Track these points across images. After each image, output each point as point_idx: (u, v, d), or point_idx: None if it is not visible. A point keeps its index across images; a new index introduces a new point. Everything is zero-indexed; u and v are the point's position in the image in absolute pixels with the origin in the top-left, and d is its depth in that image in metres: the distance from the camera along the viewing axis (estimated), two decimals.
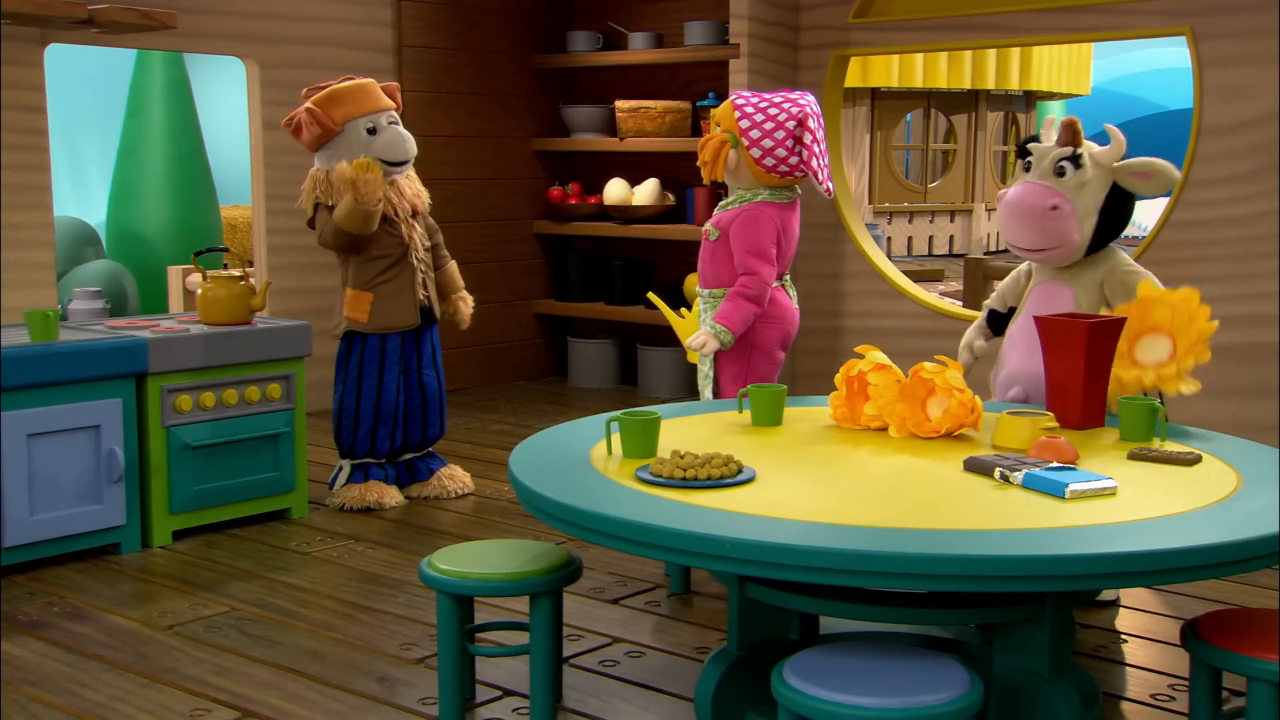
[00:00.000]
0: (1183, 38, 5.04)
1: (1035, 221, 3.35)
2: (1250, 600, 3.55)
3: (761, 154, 3.81)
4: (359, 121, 4.20)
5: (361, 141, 4.19)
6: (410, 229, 4.30)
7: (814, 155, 3.82)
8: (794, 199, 3.96)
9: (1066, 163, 3.37)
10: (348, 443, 4.36)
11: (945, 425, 2.88)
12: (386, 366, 4.33)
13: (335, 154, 4.21)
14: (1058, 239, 3.35)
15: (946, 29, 5.64)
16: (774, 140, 3.80)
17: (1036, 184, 3.38)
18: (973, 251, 13.99)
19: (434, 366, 4.47)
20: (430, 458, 4.55)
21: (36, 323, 3.81)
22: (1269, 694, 2.27)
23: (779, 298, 3.93)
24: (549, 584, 2.65)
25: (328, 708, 2.82)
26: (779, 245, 3.89)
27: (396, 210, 4.26)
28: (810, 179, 3.86)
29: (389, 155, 4.22)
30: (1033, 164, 3.44)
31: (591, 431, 2.92)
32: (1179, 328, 3.17)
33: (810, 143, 3.81)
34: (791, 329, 3.98)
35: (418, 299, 4.34)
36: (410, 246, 4.30)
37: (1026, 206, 3.36)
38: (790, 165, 3.83)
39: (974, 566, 2.06)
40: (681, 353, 6.43)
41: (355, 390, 4.31)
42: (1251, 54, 4.86)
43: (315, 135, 4.19)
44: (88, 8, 4.71)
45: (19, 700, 2.85)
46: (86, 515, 3.79)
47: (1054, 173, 3.38)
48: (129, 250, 7.16)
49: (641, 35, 6.45)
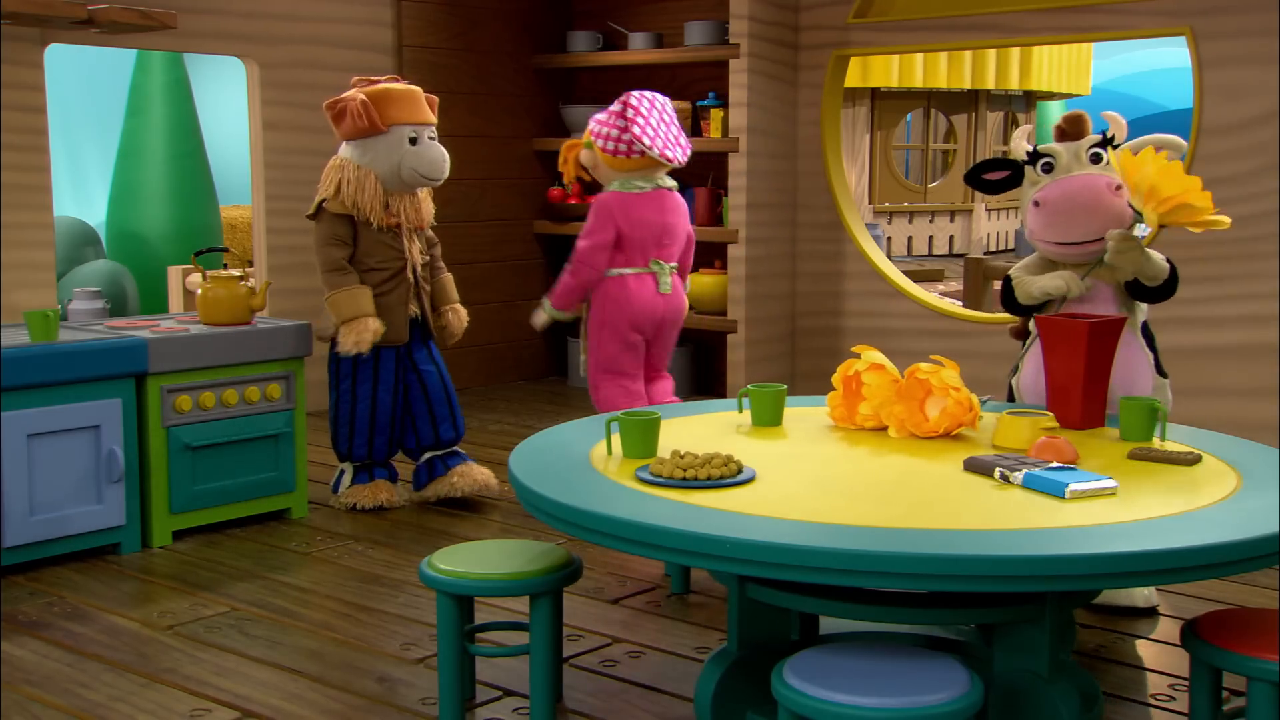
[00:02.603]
0: (1183, 38, 5.04)
1: (1104, 205, 3.25)
2: (1250, 600, 3.55)
3: (600, 140, 4.31)
4: (405, 129, 4.17)
5: (400, 148, 4.16)
6: (411, 243, 4.28)
7: (639, 126, 4.25)
8: (648, 189, 4.35)
9: (1100, 149, 3.34)
10: (345, 448, 4.35)
11: (944, 425, 2.88)
12: (381, 379, 4.29)
13: (368, 152, 4.17)
14: (1121, 220, 3.28)
15: (946, 29, 5.64)
16: (606, 125, 4.31)
17: (1087, 172, 3.31)
18: (973, 251, 14.00)
19: (434, 363, 4.43)
20: (452, 456, 4.47)
21: (36, 323, 3.81)
22: (1269, 694, 2.27)
23: (629, 282, 4.32)
24: (549, 584, 2.64)
25: (328, 708, 2.82)
26: (622, 232, 4.29)
27: (403, 224, 4.24)
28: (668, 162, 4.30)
29: (426, 171, 4.19)
30: (1056, 163, 3.37)
31: (591, 431, 2.92)
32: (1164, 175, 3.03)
33: (634, 116, 4.25)
34: (646, 314, 4.35)
35: (409, 313, 4.31)
36: (409, 261, 4.27)
37: (1094, 191, 3.26)
38: (625, 142, 4.28)
39: (974, 566, 2.06)
40: (683, 353, 6.44)
41: (350, 400, 4.29)
42: (1251, 54, 4.86)
43: (359, 128, 4.15)
44: (88, 8, 4.71)
45: (19, 700, 2.85)
46: (86, 515, 3.79)
47: (1091, 161, 3.33)
48: (129, 250, 7.16)
49: (641, 35, 6.45)
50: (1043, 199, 3.32)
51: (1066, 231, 3.30)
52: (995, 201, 14.47)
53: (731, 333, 6.02)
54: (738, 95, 5.89)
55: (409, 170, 4.17)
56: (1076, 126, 3.39)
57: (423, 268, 4.36)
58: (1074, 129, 3.39)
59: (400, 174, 4.18)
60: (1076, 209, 3.27)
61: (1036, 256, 3.50)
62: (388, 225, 4.22)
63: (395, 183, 4.21)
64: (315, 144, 5.84)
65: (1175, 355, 4.99)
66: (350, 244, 4.21)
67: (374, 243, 4.22)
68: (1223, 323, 5.02)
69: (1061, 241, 3.32)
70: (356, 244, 4.22)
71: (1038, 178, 3.40)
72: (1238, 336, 4.97)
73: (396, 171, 4.18)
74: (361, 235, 4.22)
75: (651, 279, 4.36)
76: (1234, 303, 4.97)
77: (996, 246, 14.61)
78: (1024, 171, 3.46)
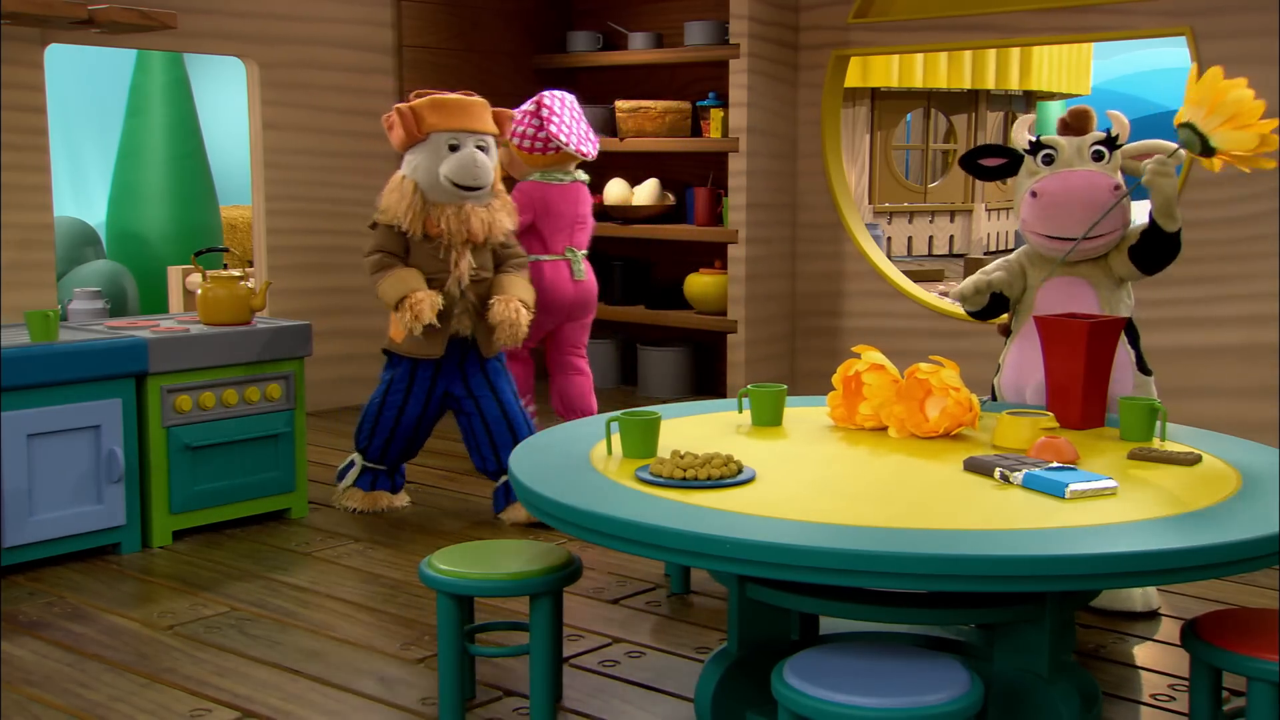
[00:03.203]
0: (1183, 38, 5.04)
1: (1100, 205, 3.22)
2: (1250, 600, 3.55)
3: (517, 140, 4.68)
4: (444, 135, 4.04)
5: (439, 155, 4.04)
6: (459, 256, 4.07)
7: (555, 125, 4.62)
8: (563, 181, 4.75)
9: (1103, 146, 3.32)
10: (363, 443, 4.32)
11: (943, 425, 2.88)
12: (413, 392, 4.19)
13: (412, 160, 4.08)
14: (1116, 221, 3.26)
15: (946, 29, 5.64)
16: (521, 124, 4.67)
17: (1088, 169, 3.29)
18: (973, 251, 14.00)
19: (490, 389, 4.21)
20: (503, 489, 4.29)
21: (36, 323, 3.81)
22: (1269, 694, 2.27)
23: (544, 269, 4.70)
24: (549, 584, 2.65)
25: (328, 708, 2.82)
26: (539, 219, 4.71)
27: (448, 235, 4.05)
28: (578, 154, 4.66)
29: (455, 176, 4.02)
30: (1057, 156, 3.34)
31: (591, 431, 2.92)
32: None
33: (549, 115, 4.63)
34: (559, 299, 4.73)
35: (450, 330, 4.11)
36: (451, 274, 4.07)
37: (1093, 190, 3.23)
38: (541, 139, 4.66)
39: (974, 566, 2.06)
40: (683, 353, 6.44)
41: (380, 402, 4.24)
42: (1251, 54, 4.86)
43: (399, 137, 4.08)
44: (88, 8, 4.71)
45: (19, 700, 2.85)
46: (86, 515, 3.79)
47: (1093, 158, 3.31)
48: (129, 250, 7.16)
49: (641, 35, 6.45)
50: (1041, 190, 3.29)
51: (1060, 225, 3.27)
52: (995, 201, 14.47)
53: (731, 333, 6.02)
54: (738, 95, 5.89)
55: (444, 177, 4.03)
56: (1081, 121, 3.37)
57: (474, 284, 4.11)
58: (1078, 123, 3.37)
59: (440, 182, 4.05)
60: (1074, 204, 3.24)
61: (1010, 260, 3.48)
62: (431, 235, 4.07)
63: (438, 192, 4.05)
64: (315, 144, 5.85)
65: (1175, 355, 4.99)
66: (399, 254, 4.07)
67: (421, 254, 4.06)
68: (1223, 323, 5.02)
69: (1053, 235, 3.29)
70: (409, 256, 4.08)
71: (1038, 168, 3.37)
72: (1237, 336, 4.97)
73: (437, 180, 4.04)
74: (411, 247, 4.07)
75: (566, 266, 4.76)
76: (1234, 303, 4.97)
77: (996, 246, 14.61)
78: (1021, 161, 3.43)
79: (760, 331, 6.07)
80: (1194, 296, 4.97)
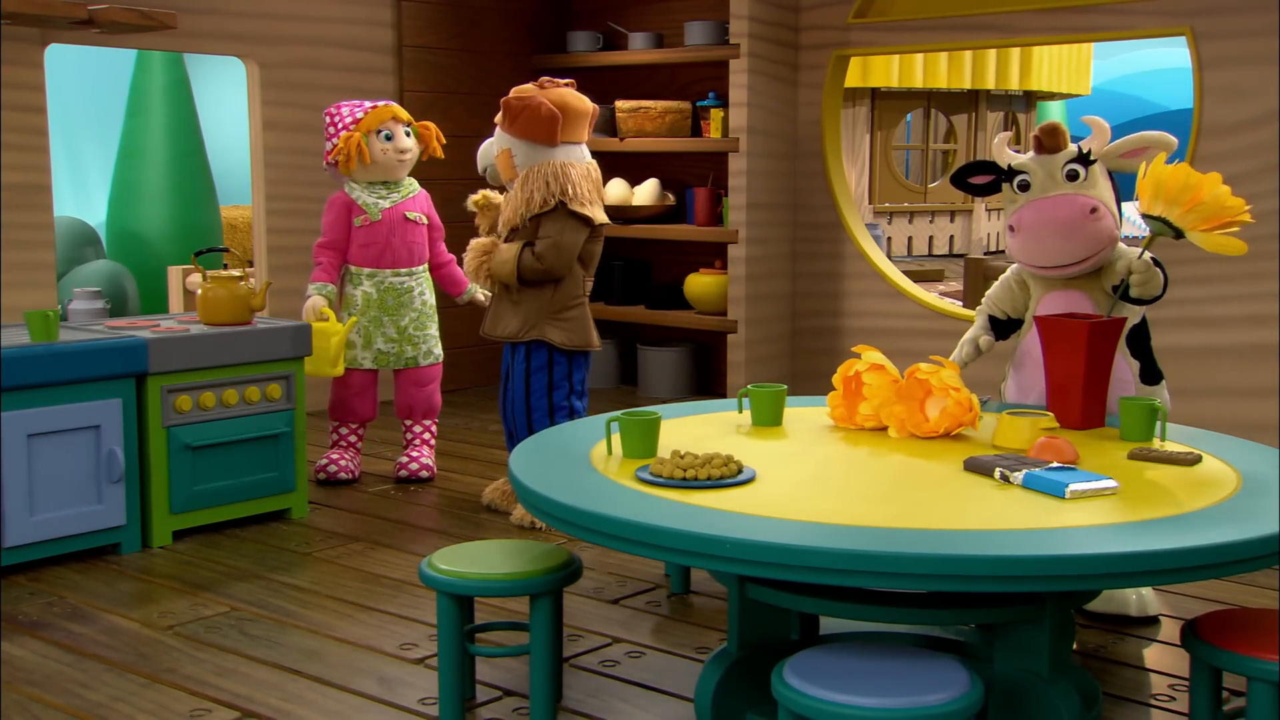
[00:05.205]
0: (1183, 38, 5.04)
1: (1080, 230, 3.16)
2: (1250, 600, 3.55)
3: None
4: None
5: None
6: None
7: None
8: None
9: (1076, 165, 3.23)
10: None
11: (944, 425, 2.88)
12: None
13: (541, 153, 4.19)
14: (1100, 242, 3.18)
15: (946, 29, 5.64)
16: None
17: (1063, 194, 3.21)
18: (973, 251, 13.99)
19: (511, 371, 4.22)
20: None
21: (36, 323, 3.81)
22: (1269, 694, 2.28)
23: None
24: (549, 584, 2.65)
25: (328, 708, 2.82)
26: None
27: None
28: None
29: None
30: (1031, 181, 3.27)
31: (591, 431, 2.92)
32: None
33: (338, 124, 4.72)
34: None
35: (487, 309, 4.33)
36: None
37: (1068, 217, 3.16)
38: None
39: (974, 566, 2.06)
40: (683, 353, 6.44)
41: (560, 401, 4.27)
42: (1251, 54, 4.86)
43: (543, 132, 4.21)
44: (88, 8, 4.71)
45: (19, 700, 2.85)
46: (86, 515, 3.79)
47: (1067, 179, 3.23)
48: (129, 250, 7.16)
49: (641, 35, 6.45)
50: (1017, 224, 3.24)
51: (1043, 256, 3.22)
52: (995, 202, 14.47)
53: (731, 333, 6.02)
54: (738, 95, 5.89)
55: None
56: (1054, 139, 3.26)
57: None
58: (1051, 141, 3.26)
59: None
60: (1054, 235, 3.18)
61: (1006, 279, 3.48)
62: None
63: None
64: (315, 144, 5.84)
65: (1175, 355, 4.99)
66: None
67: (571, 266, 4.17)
68: (1223, 323, 5.02)
69: (1040, 265, 3.25)
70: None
71: (1015, 196, 3.31)
72: (1238, 336, 4.97)
73: None
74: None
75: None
76: (1234, 303, 4.97)
77: (996, 246, 14.59)
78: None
79: (760, 331, 6.07)
80: (1194, 296, 4.97)
